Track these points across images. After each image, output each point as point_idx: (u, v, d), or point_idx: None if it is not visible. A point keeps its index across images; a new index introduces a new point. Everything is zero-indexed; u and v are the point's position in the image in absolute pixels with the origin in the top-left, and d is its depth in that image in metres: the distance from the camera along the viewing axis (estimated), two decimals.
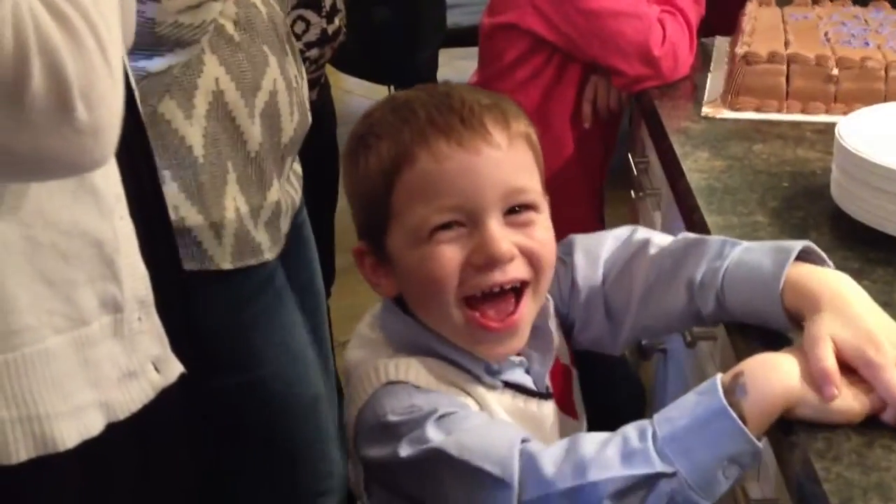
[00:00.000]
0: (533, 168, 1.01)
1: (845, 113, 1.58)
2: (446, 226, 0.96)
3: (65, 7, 0.72)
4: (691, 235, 1.09)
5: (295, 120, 1.41)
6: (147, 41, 1.22)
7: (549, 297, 1.05)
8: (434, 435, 0.92)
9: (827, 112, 1.61)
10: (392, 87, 3.79)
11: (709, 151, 1.51)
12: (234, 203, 1.33)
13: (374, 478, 1.03)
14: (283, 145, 1.40)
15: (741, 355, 1.05)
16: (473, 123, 0.97)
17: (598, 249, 1.11)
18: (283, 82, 1.38)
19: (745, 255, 1.01)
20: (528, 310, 1.00)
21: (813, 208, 1.32)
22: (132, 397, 0.93)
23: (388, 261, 1.01)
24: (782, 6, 1.93)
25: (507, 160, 0.98)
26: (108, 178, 0.90)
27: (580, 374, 1.15)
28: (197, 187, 1.31)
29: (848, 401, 0.89)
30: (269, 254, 1.39)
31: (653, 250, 1.07)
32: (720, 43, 1.97)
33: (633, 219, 2.18)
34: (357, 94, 4.33)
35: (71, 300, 0.87)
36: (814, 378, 0.89)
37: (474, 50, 1.94)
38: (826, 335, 0.91)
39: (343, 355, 1.07)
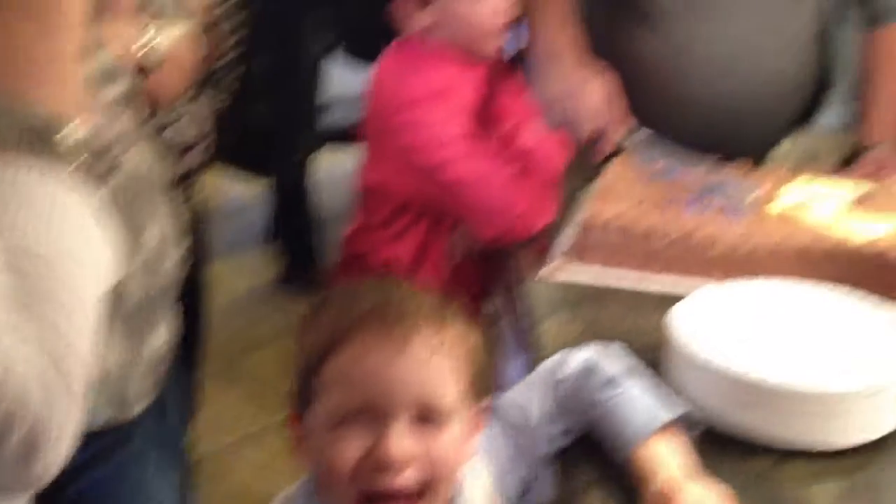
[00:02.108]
0: (456, 376, 1.01)
1: (674, 280, 1.61)
2: (354, 419, 0.98)
3: (54, 379, 0.72)
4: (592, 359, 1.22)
5: None
6: None
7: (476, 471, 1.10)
8: None
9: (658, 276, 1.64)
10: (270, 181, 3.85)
11: (568, 313, 1.56)
12: None
13: None
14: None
15: None
16: (405, 324, 0.99)
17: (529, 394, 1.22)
18: None
19: (632, 396, 1.17)
20: None
21: None
22: None
23: (307, 436, 1.03)
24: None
25: (428, 367, 0.99)
26: None
27: None
28: None
29: None
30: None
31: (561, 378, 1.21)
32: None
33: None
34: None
35: None
36: None
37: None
38: None
39: None
